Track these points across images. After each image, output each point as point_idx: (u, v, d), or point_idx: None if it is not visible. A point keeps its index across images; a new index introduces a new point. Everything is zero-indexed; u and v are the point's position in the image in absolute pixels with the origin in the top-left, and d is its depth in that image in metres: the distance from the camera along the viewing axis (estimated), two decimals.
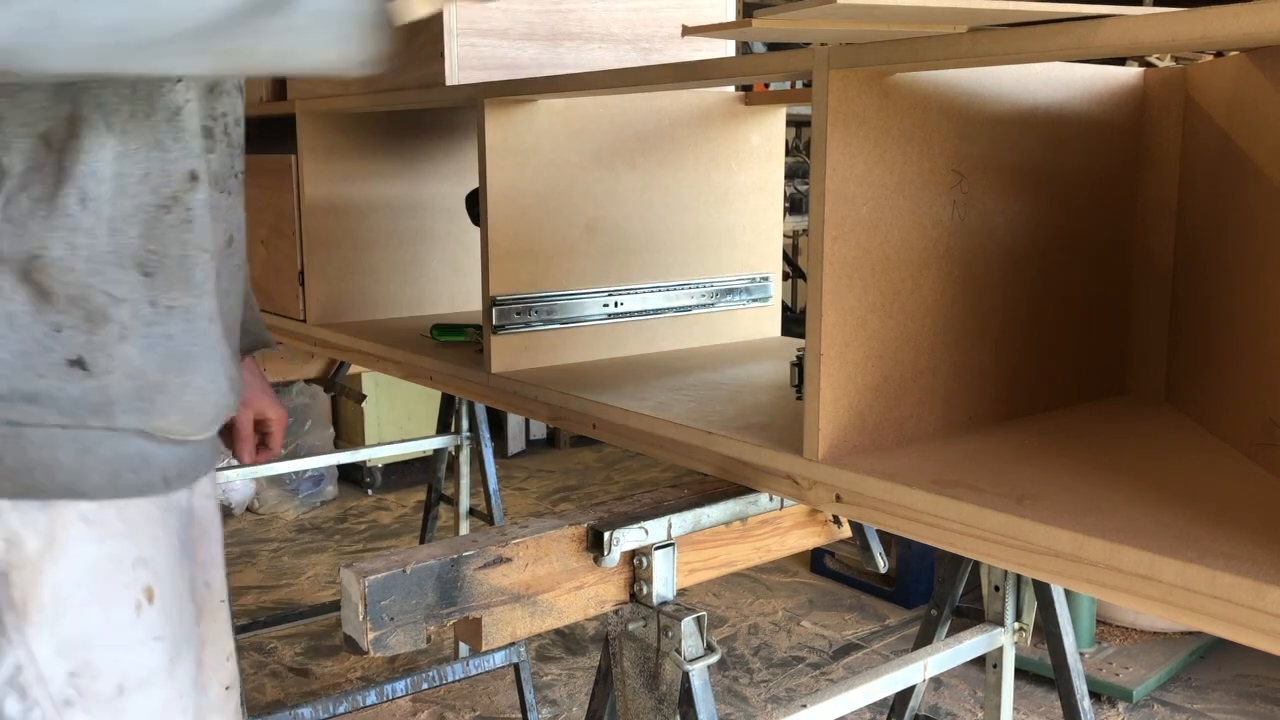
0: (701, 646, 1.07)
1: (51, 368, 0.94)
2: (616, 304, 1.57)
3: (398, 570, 0.95)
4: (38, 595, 0.94)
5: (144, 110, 0.97)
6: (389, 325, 1.93)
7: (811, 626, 3.31)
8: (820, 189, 0.98)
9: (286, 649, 3.14)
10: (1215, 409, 1.12)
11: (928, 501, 0.93)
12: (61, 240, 0.93)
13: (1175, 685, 2.86)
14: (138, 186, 0.97)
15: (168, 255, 0.99)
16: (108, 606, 0.97)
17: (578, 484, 4.71)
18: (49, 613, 0.94)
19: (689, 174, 1.63)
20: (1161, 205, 1.26)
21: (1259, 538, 0.80)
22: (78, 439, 0.95)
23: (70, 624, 0.95)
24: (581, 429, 1.35)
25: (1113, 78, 1.22)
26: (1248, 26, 0.71)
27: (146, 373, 0.98)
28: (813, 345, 1.01)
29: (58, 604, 0.95)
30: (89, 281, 0.94)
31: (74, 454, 0.95)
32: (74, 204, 0.93)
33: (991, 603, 1.59)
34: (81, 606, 0.96)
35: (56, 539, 0.95)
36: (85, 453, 0.95)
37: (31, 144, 0.92)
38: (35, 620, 0.94)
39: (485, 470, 2.57)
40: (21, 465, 0.93)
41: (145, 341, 0.98)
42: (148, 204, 0.98)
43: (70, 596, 0.95)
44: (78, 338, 0.94)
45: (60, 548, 0.95)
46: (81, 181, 0.93)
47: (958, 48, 0.87)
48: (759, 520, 1.23)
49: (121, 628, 0.98)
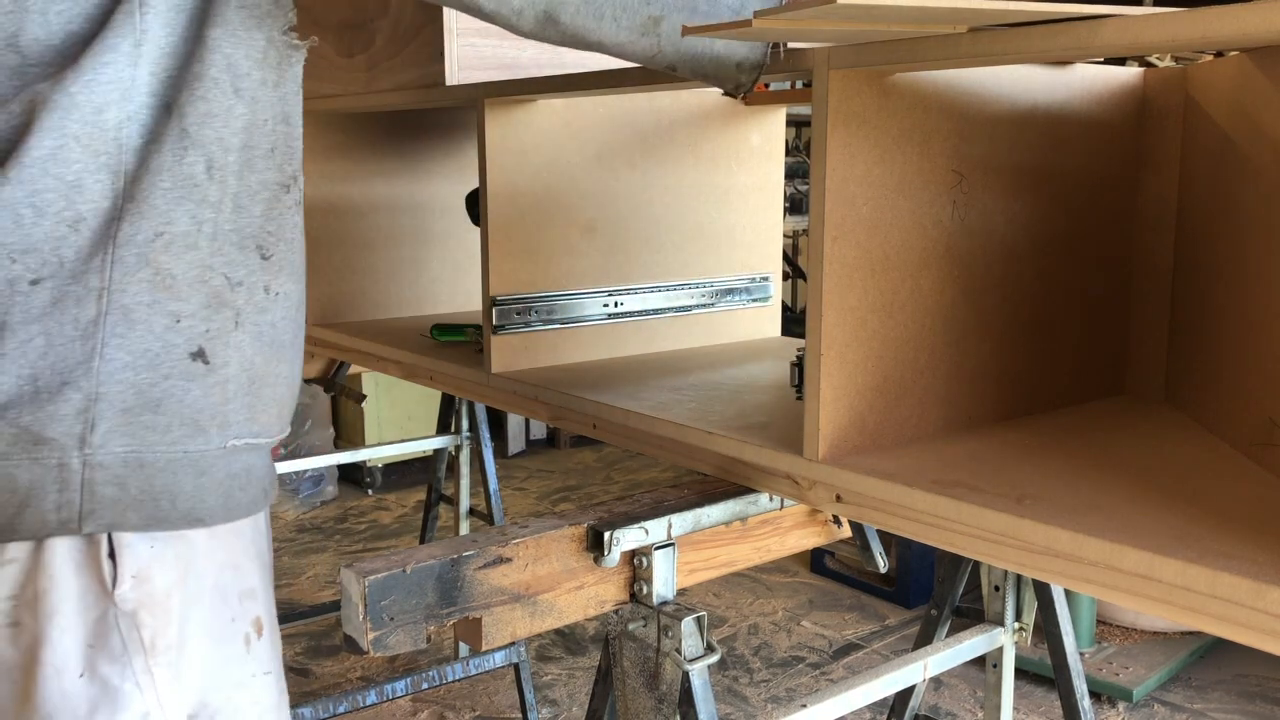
0: (701, 646, 1.07)
1: (175, 365, 0.87)
2: (616, 304, 1.57)
3: (398, 570, 0.95)
4: (166, 635, 0.88)
5: (274, 79, 0.92)
6: (389, 325, 1.93)
7: (811, 626, 3.31)
8: (820, 189, 0.98)
9: (286, 649, 3.14)
10: (1215, 409, 1.12)
11: (928, 501, 0.93)
12: (188, 214, 0.87)
13: (1175, 685, 2.86)
14: (265, 161, 0.92)
15: (283, 238, 0.95)
16: (222, 643, 0.92)
17: (578, 484, 4.71)
18: (174, 654, 0.89)
19: (689, 174, 1.63)
20: (1161, 205, 1.26)
21: (1259, 538, 0.80)
22: (196, 462, 0.89)
23: (190, 665, 0.90)
24: (581, 429, 1.35)
25: (1113, 78, 1.22)
26: (1248, 26, 0.71)
27: (255, 364, 0.93)
28: (813, 345, 1.01)
29: (183, 644, 0.89)
30: (210, 262, 0.89)
31: (193, 478, 0.89)
32: (201, 172, 0.87)
33: (991, 603, 1.59)
34: (201, 645, 0.90)
35: (182, 573, 0.89)
36: (202, 475, 0.90)
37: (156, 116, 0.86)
38: (163, 662, 0.88)
39: (485, 470, 2.57)
40: (147, 493, 0.87)
41: (255, 329, 0.93)
42: (271, 181, 0.93)
43: (193, 635, 0.90)
44: (198, 326, 0.89)
45: (185, 583, 0.89)
46: (209, 148, 0.87)
47: (958, 48, 0.87)
48: (759, 520, 1.23)
49: (235, 664, 0.93)
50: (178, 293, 0.87)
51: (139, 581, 0.87)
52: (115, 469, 0.85)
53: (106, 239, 0.85)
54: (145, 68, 0.85)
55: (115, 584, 0.86)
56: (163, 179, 0.86)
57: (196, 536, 0.90)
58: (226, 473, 0.92)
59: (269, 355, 0.95)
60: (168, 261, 0.86)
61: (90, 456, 0.85)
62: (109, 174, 0.85)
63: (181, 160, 0.86)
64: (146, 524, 0.87)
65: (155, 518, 0.87)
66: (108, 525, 0.85)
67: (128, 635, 0.86)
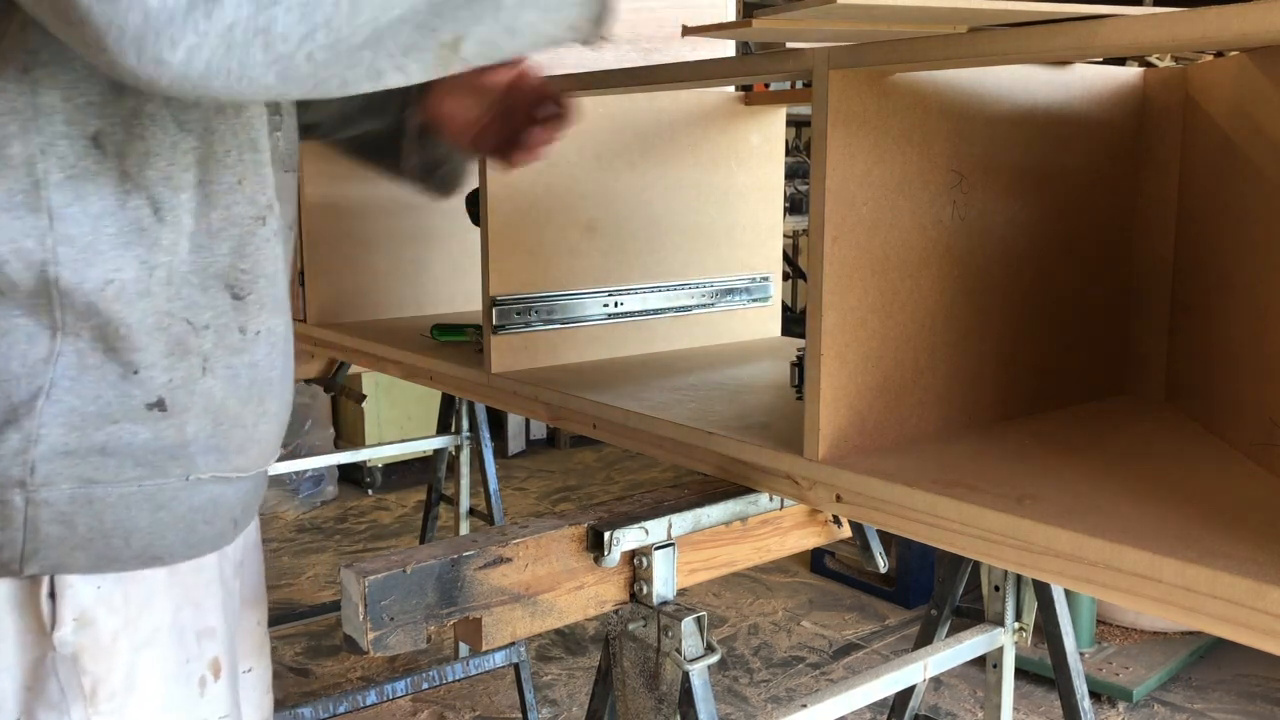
0: (701, 646, 1.07)
1: (128, 413, 0.81)
2: (616, 304, 1.57)
3: (398, 570, 0.95)
4: (109, 682, 0.83)
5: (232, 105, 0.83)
6: (389, 325, 1.93)
7: (811, 626, 3.31)
8: (820, 189, 0.98)
9: (286, 649, 3.14)
10: (1215, 409, 1.12)
11: (928, 501, 0.93)
12: (136, 260, 0.80)
13: (1175, 685, 2.86)
14: (231, 195, 0.84)
15: (261, 274, 0.87)
16: (175, 686, 0.87)
17: (578, 484, 4.71)
18: (119, 701, 0.83)
19: (689, 174, 1.63)
20: (1161, 205, 1.26)
21: (1259, 538, 0.80)
22: (153, 496, 0.83)
23: (139, 711, 0.84)
24: (581, 429, 1.35)
25: (1113, 78, 1.22)
26: (1248, 26, 0.71)
27: (227, 406, 0.87)
28: (813, 346, 1.01)
29: (131, 690, 0.84)
30: (168, 308, 0.82)
31: (150, 513, 0.83)
32: (148, 216, 0.81)
33: (991, 603, 1.59)
34: (152, 690, 0.85)
35: (132, 616, 0.83)
36: (160, 510, 0.84)
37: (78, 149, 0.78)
38: (105, 710, 0.83)
39: (485, 470, 2.57)
40: (97, 531, 0.81)
41: (229, 373, 0.86)
42: (242, 215, 0.86)
43: (142, 680, 0.84)
44: (158, 377, 0.82)
45: (135, 626, 0.83)
46: (154, 190, 0.80)
47: (958, 48, 0.87)
48: (759, 520, 1.22)
49: (188, 709, 0.88)
50: (134, 342, 0.81)
51: (81, 625, 0.81)
52: (61, 506, 0.80)
53: (45, 281, 0.78)
54: (49, 95, 0.77)
55: (55, 626, 0.80)
56: (107, 224, 0.79)
57: (153, 575, 0.84)
58: (189, 506, 0.86)
59: (246, 397, 0.89)
60: (120, 310, 0.80)
61: (34, 494, 0.79)
62: (28, 212, 0.78)
63: (125, 204, 0.80)
64: (96, 565, 0.81)
65: (106, 558, 0.81)
66: (52, 567, 0.80)
67: (67, 682, 0.81)
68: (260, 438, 0.91)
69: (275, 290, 0.90)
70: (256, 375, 0.89)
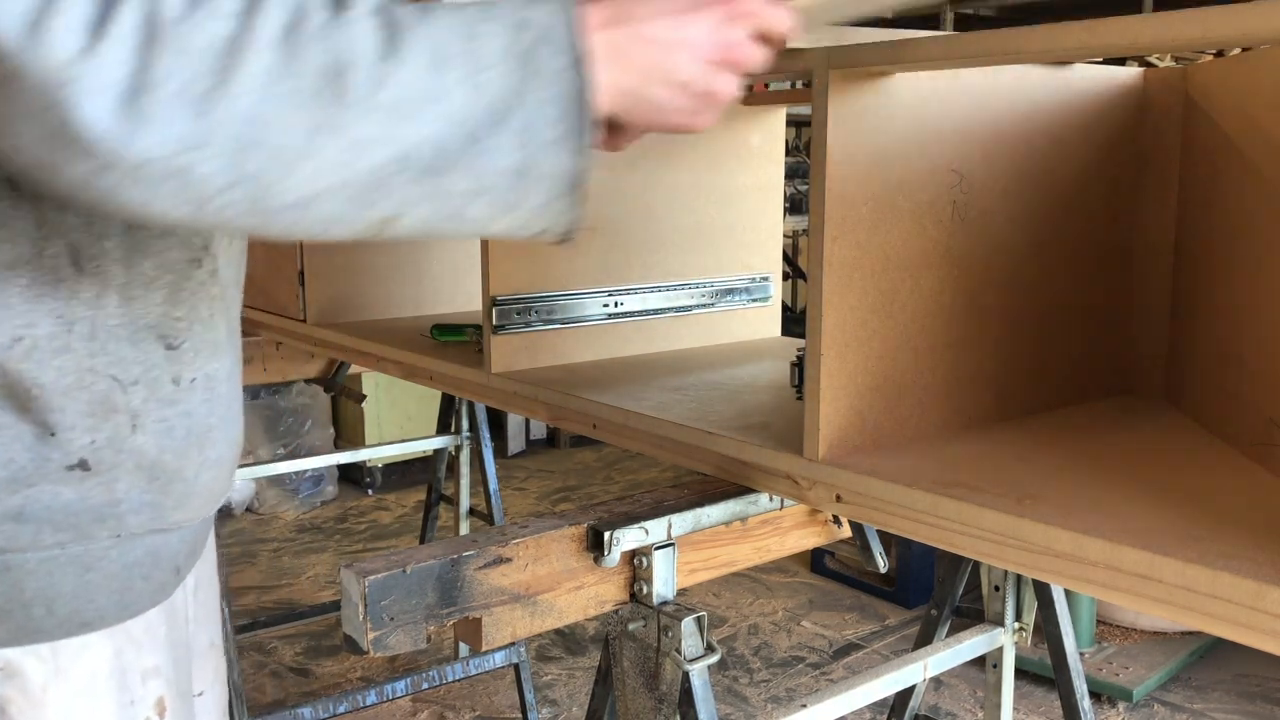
0: (701, 646, 1.07)
1: (45, 475, 0.74)
2: (616, 304, 1.57)
3: (398, 570, 0.95)
4: None
5: None
6: (389, 325, 1.93)
7: (811, 626, 3.31)
8: (820, 189, 0.98)
9: (286, 649, 3.14)
10: (1215, 409, 1.12)
11: (928, 501, 0.93)
12: (52, 314, 0.73)
13: (1175, 685, 2.86)
14: (162, 241, 0.77)
15: (196, 319, 0.81)
16: None
17: (578, 484, 4.71)
18: None
19: (689, 174, 1.63)
20: (1161, 205, 1.26)
21: (1259, 538, 0.80)
22: (79, 558, 0.76)
23: None
24: (581, 429, 1.35)
25: (1113, 78, 1.22)
26: (1248, 26, 0.71)
27: (162, 462, 0.80)
28: (813, 346, 1.01)
29: None
30: (90, 365, 0.75)
31: (75, 576, 0.76)
32: (66, 265, 0.73)
33: (991, 603, 1.59)
34: None
35: (63, 666, 0.78)
36: (89, 572, 0.77)
37: None
38: None
39: (485, 470, 2.57)
40: (15, 602, 0.74)
41: (163, 426, 0.80)
42: (176, 260, 0.79)
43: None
44: (79, 439, 0.75)
45: (66, 675, 0.78)
46: (73, 236, 0.73)
47: (958, 48, 0.87)
48: (759, 520, 1.23)
49: None
50: (48, 403, 0.73)
51: (7, 675, 0.76)
52: None
53: None
54: None
55: None
56: (19, 275, 0.71)
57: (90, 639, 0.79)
58: (121, 564, 0.79)
59: (183, 449, 0.82)
60: (30, 369, 0.72)
61: None
62: None
63: (42, 253, 0.72)
64: (15, 637, 0.75)
65: (26, 630, 0.75)
66: None
67: None
68: (202, 489, 0.85)
69: (212, 334, 0.83)
70: (193, 424, 0.82)
